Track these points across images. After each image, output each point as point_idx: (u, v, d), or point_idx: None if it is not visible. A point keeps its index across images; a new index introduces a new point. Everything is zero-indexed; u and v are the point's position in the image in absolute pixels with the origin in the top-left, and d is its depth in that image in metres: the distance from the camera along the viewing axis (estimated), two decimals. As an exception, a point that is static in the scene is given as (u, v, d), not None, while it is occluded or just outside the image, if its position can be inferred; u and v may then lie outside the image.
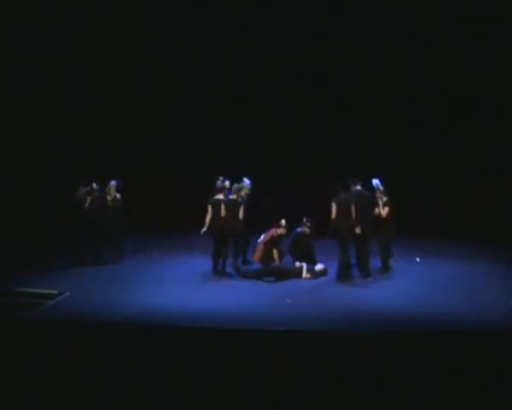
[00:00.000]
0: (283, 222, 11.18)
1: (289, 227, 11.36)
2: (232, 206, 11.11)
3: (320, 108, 15.17)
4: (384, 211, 11.10)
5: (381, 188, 11.24)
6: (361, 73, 14.85)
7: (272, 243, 11.13)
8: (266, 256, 11.09)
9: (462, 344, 7.32)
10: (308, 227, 11.29)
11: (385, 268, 11.27)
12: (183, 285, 10.54)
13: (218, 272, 11.11)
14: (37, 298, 9.39)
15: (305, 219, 11.36)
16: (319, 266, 11.20)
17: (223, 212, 11.02)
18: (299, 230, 11.39)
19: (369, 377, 6.63)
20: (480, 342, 7.36)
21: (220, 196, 11.25)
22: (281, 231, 11.16)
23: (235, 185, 11.47)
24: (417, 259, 12.27)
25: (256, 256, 11.21)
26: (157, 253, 12.22)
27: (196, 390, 6.49)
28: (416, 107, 14.95)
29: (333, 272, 11.14)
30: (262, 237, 11.25)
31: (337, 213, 10.71)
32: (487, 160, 14.65)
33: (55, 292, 9.68)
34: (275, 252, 11.14)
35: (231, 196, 11.31)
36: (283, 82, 14.96)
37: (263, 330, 7.91)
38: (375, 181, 11.36)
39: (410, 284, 10.53)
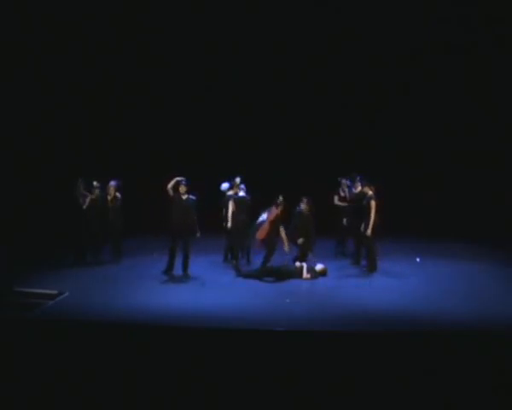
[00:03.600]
0: (281, 198, 11.12)
1: (289, 207, 11.37)
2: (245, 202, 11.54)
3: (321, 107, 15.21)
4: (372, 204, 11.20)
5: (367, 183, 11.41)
6: (361, 72, 14.88)
7: (277, 220, 11.09)
8: (272, 233, 11.03)
9: (463, 344, 7.32)
10: (306, 204, 11.39)
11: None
12: (182, 285, 10.56)
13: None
14: (37, 298, 9.38)
15: (303, 198, 11.46)
16: (319, 266, 11.19)
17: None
18: (299, 208, 11.49)
19: (369, 377, 6.63)
20: (480, 342, 7.36)
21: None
22: (281, 207, 11.12)
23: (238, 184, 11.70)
24: (417, 259, 12.27)
25: (261, 234, 11.07)
26: (156, 253, 12.20)
27: (196, 390, 6.49)
28: (416, 106, 14.95)
29: (333, 272, 11.17)
30: (265, 216, 11.18)
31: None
32: (487, 159, 14.65)
33: (55, 292, 9.67)
34: (281, 229, 11.13)
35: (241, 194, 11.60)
36: (283, 80, 15.00)
37: (263, 330, 7.91)
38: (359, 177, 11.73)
39: (410, 284, 10.53)
